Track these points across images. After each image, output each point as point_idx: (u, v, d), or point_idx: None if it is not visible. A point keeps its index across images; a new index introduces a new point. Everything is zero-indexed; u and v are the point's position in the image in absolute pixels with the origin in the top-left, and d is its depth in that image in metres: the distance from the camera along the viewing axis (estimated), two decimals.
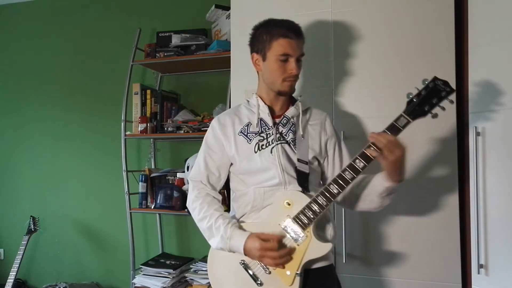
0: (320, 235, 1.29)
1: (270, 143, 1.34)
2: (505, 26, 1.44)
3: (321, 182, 1.44)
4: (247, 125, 1.38)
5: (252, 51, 1.39)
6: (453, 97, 1.22)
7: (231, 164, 1.40)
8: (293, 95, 1.43)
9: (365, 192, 1.33)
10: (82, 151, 2.99)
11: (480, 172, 1.51)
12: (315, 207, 1.24)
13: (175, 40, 2.47)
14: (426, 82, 1.21)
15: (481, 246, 1.50)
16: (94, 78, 2.97)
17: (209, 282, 2.19)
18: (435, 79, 1.21)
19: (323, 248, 1.25)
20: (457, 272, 1.64)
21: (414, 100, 1.21)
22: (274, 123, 1.37)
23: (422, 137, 1.68)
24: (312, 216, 1.23)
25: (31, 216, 2.78)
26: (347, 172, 1.23)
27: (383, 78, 1.74)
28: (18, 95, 3.17)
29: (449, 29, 1.66)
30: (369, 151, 1.20)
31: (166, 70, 2.72)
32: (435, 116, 1.21)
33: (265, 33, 1.32)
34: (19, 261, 2.60)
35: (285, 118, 1.38)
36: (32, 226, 2.73)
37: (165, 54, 2.45)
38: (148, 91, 2.56)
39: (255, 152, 1.33)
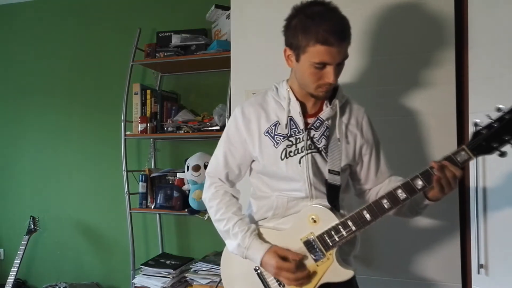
0: (343, 258, 1.21)
1: (300, 151, 1.18)
2: (505, 26, 1.44)
3: (350, 182, 1.33)
4: (275, 125, 1.21)
5: (285, 43, 1.17)
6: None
7: (253, 160, 1.28)
8: None
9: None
10: (82, 151, 2.99)
11: (480, 172, 1.51)
12: (343, 231, 1.13)
13: (175, 40, 2.47)
14: (502, 113, 0.98)
15: (481, 246, 1.50)
16: (94, 78, 2.96)
17: (209, 282, 2.21)
18: None
19: (343, 275, 1.16)
20: (457, 272, 1.64)
21: (483, 132, 1.00)
22: (306, 126, 1.20)
23: (422, 137, 1.68)
24: (337, 240, 1.14)
25: (31, 216, 2.78)
26: (385, 201, 1.10)
27: (383, 78, 1.74)
28: (18, 95, 3.17)
29: (449, 29, 1.66)
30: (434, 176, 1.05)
31: (166, 70, 2.72)
32: (503, 154, 1.00)
33: (302, 30, 1.09)
34: (19, 261, 2.60)
35: (318, 120, 1.21)
36: (32, 226, 2.73)
37: (165, 54, 2.45)
38: (148, 91, 2.56)
39: (282, 159, 1.19)
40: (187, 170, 2.38)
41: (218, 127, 2.33)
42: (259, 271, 1.23)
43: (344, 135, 1.22)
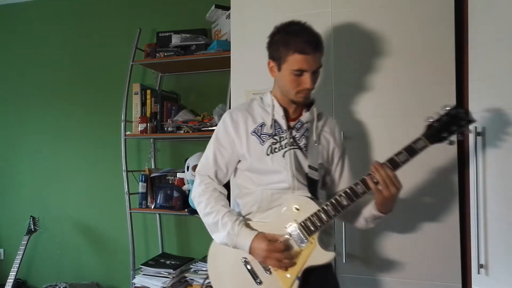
0: (323, 240, 1.30)
1: (283, 147, 1.33)
2: (505, 26, 1.44)
3: (323, 186, 1.47)
4: (261, 126, 1.36)
5: (269, 57, 1.36)
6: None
7: (239, 160, 1.40)
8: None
9: (355, 211, 1.37)
10: (82, 151, 2.99)
11: (480, 172, 1.51)
12: (323, 216, 1.25)
13: (175, 40, 2.47)
14: (448, 109, 1.22)
15: (481, 246, 1.50)
16: (94, 78, 2.96)
17: (209, 282, 2.20)
18: (457, 106, 1.22)
19: (325, 256, 1.27)
20: (457, 272, 1.64)
21: (435, 125, 1.22)
22: (289, 127, 1.37)
23: None
24: (319, 224, 1.25)
25: (31, 216, 2.78)
26: (359, 186, 1.24)
27: (383, 78, 1.74)
28: (18, 96, 3.17)
29: (449, 29, 1.66)
30: (368, 180, 1.23)
31: (166, 70, 2.72)
32: (452, 143, 1.23)
33: (282, 44, 1.28)
34: (19, 261, 2.60)
35: (299, 122, 1.38)
36: (32, 226, 2.73)
37: (165, 54, 2.45)
38: (148, 91, 2.56)
39: (267, 155, 1.33)
40: (187, 170, 2.38)
41: None
42: (246, 260, 1.30)
43: (319, 137, 1.39)
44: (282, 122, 1.36)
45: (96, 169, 2.95)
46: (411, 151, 1.23)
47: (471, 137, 1.52)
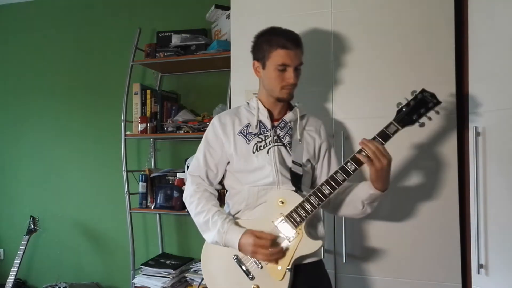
0: (311, 233, 1.35)
1: (268, 144, 1.40)
2: (505, 26, 1.44)
3: (312, 184, 1.50)
4: (247, 126, 1.43)
5: (253, 59, 1.44)
6: (439, 108, 1.31)
7: (228, 162, 1.45)
8: (292, 102, 1.49)
9: (349, 198, 1.40)
10: (82, 151, 2.99)
11: (480, 172, 1.51)
12: (308, 206, 1.29)
13: (175, 40, 2.47)
14: (415, 93, 1.31)
15: (481, 246, 1.50)
16: (94, 78, 2.96)
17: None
18: (423, 91, 1.31)
19: (313, 245, 1.30)
20: (457, 272, 1.64)
21: (404, 109, 1.30)
22: (273, 126, 1.43)
23: (422, 137, 1.68)
24: (304, 215, 1.29)
25: (31, 216, 2.78)
26: (338, 174, 1.30)
27: (383, 78, 1.74)
28: (18, 95, 3.17)
29: (449, 29, 1.66)
30: (359, 156, 1.27)
31: (166, 70, 2.72)
32: (422, 125, 1.31)
33: (265, 42, 1.37)
34: (19, 261, 2.59)
35: (283, 122, 1.44)
36: (32, 226, 2.73)
37: (165, 54, 2.45)
38: (148, 91, 2.56)
39: (253, 153, 1.39)
40: (187, 170, 2.38)
41: None
42: (237, 258, 1.34)
43: (304, 136, 1.45)
44: (267, 122, 1.42)
45: (96, 169, 2.95)
46: (384, 136, 1.29)
47: (471, 137, 1.52)
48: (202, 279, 1.53)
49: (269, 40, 1.37)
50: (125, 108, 2.54)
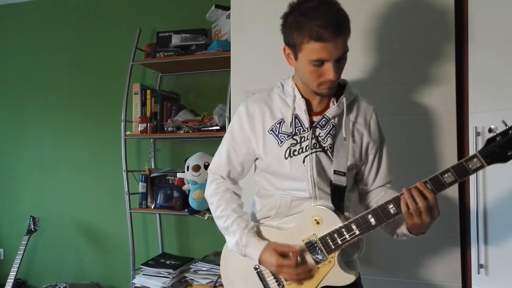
0: (345, 261, 1.19)
1: (304, 150, 1.16)
2: (505, 26, 1.44)
3: (355, 183, 1.30)
4: (280, 123, 1.19)
5: (284, 42, 1.16)
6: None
7: (257, 158, 1.27)
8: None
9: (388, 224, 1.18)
10: (82, 151, 2.99)
11: (480, 172, 1.51)
12: (346, 234, 1.11)
13: (175, 40, 2.47)
14: None
15: (481, 246, 1.50)
16: (94, 78, 2.96)
17: (209, 282, 2.21)
18: None
19: (344, 279, 1.15)
20: (457, 272, 1.64)
21: (498, 139, 0.97)
22: (311, 124, 1.18)
23: (422, 137, 1.68)
24: (340, 243, 1.12)
25: (31, 216, 2.78)
26: (391, 206, 1.07)
27: (383, 78, 1.74)
28: (18, 96, 3.17)
29: (449, 29, 1.66)
30: (401, 202, 1.06)
31: (166, 70, 2.72)
32: None
33: (295, 28, 1.07)
34: (19, 261, 2.60)
35: (324, 119, 1.18)
36: (32, 226, 2.73)
37: (165, 54, 2.45)
38: (148, 91, 2.56)
39: (286, 158, 1.17)
40: (187, 170, 2.38)
41: (218, 127, 2.33)
42: (258, 270, 1.22)
43: (351, 133, 1.19)
44: (304, 118, 1.17)
45: (96, 169, 2.95)
46: (462, 171, 1.01)
47: (471, 137, 1.52)
48: (219, 276, 1.45)
49: (299, 26, 1.05)
50: (125, 108, 2.54)
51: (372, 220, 1.09)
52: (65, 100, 3.03)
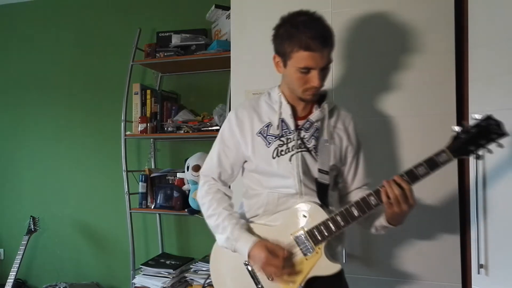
0: (330, 254, 1.26)
1: (290, 149, 1.26)
2: (505, 26, 1.44)
3: (336, 185, 1.38)
4: (267, 126, 1.29)
5: (274, 51, 1.27)
6: (504, 141, 1.10)
7: (245, 161, 1.35)
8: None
9: (366, 217, 1.27)
10: (82, 151, 2.99)
11: (480, 172, 1.51)
12: (332, 226, 1.20)
13: (175, 40, 2.47)
14: (478, 120, 1.10)
15: (481, 246, 1.50)
16: (94, 78, 2.96)
17: (210, 282, 2.20)
18: (489, 118, 1.10)
19: (331, 268, 1.22)
20: (457, 272, 1.64)
21: (462, 136, 1.11)
22: (296, 127, 1.29)
23: (422, 137, 1.68)
24: (326, 234, 1.20)
25: (31, 216, 2.78)
26: (372, 198, 1.18)
27: (383, 78, 1.74)
28: (18, 96, 3.17)
29: (449, 29, 1.66)
30: (382, 193, 1.16)
31: (166, 70, 2.72)
32: (479, 157, 1.13)
33: (287, 39, 1.19)
34: (19, 261, 2.60)
35: (308, 122, 1.29)
36: (32, 226, 2.73)
37: (165, 54, 2.45)
38: (148, 91, 2.56)
39: (273, 158, 1.26)
40: (187, 170, 2.38)
41: (218, 127, 2.33)
42: (248, 264, 1.27)
43: (332, 136, 1.30)
44: (290, 122, 1.28)
45: (96, 169, 2.95)
46: (432, 164, 1.14)
47: None
48: (208, 276, 1.50)
49: (290, 36, 1.18)
50: (125, 108, 2.54)
51: (355, 212, 1.19)
52: (65, 100, 3.04)
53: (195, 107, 2.71)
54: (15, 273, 2.57)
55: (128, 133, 2.55)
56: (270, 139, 1.28)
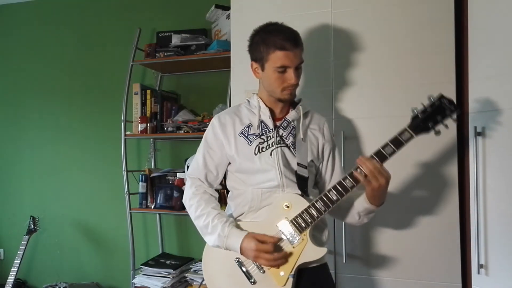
0: (316, 239, 1.32)
1: (270, 145, 1.35)
2: (505, 26, 1.44)
3: (315, 184, 1.47)
4: (248, 127, 1.39)
5: (251, 59, 1.39)
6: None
7: (229, 163, 1.41)
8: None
9: (348, 207, 1.38)
10: (82, 151, 2.99)
11: (480, 172, 1.51)
12: (313, 212, 1.26)
13: (175, 40, 2.47)
14: (432, 99, 1.23)
15: (481, 246, 1.50)
16: (94, 78, 2.97)
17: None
18: (441, 97, 1.23)
19: (318, 252, 1.28)
20: (457, 272, 1.64)
21: (419, 116, 1.23)
22: (275, 126, 1.38)
23: (422, 137, 1.67)
24: (309, 220, 1.26)
25: (31, 216, 2.78)
26: (347, 180, 1.25)
27: (383, 78, 1.74)
28: (18, 95, 3.17)
29: (449, 29, 1.66)
30: (356, 173, 1.24)
31: (166, 70, 2.72)
32: (438, 133, 1.24)
33: (262, 43, 1.32)
34: (19, 261, 2.60)
35: (285, 121, 1.40)
36: (32, 226, 2.73)
37: (165, 54, 2.45)
38: (148, 91, 2.56)
39: (255, 155, 1.35)
40: (187, 170, 2.38)
41: None
42: (240, 261, 1.31)
43: (307, 135, 1.41)
44: (269, 122, 1.38)
45: (96, 169, 2.95)
46: (397, 142, 1.24)
47: (471, 137, 1.52)
48: (203, 279, 1.52)
49: (265, 41, 1.31)
50: (125, 108, 2.54)
51: (334, 196, 1.26)
52: (65, 100, 3.04)
53: (195, 107, 2.71)
54: (15, 273, 2.57)
55: (128, 133, 2.55)
56: (251, 138, 1.37)
